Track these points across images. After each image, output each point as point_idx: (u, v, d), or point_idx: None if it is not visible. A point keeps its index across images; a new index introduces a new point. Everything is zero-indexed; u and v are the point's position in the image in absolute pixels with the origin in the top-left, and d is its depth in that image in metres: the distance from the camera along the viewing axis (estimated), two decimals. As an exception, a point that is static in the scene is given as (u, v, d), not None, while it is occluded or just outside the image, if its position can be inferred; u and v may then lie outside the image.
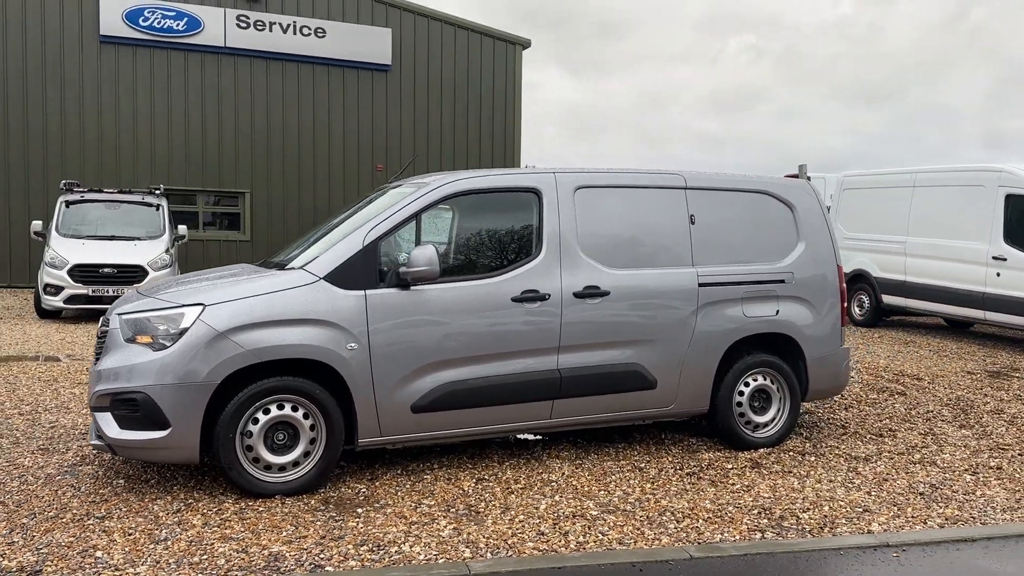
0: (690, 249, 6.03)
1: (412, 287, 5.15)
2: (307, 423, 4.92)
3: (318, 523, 4.41)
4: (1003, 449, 6.29)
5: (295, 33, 20.58)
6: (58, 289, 12.81)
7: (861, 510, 4.87)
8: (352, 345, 4.96)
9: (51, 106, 18.73)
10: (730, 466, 5.71)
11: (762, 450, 6.09)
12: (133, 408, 4.65)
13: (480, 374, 5.31)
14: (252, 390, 4.77)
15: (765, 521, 4.64)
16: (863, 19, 67.09)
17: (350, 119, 21.37)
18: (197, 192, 20.27)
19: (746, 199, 6.34)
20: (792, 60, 67.31)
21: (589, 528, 4.43)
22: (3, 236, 18.30)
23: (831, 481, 5.40)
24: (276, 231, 20.53)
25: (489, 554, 4.03)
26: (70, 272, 12.76)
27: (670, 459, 5.83)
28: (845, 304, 6.58)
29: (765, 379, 6.27)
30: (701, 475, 5.48)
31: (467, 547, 4.11)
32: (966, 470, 5.73)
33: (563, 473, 5.43)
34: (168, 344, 4.69)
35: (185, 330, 4.70)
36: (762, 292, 6.19)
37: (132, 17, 19.16)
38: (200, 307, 4.77)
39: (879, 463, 5.85)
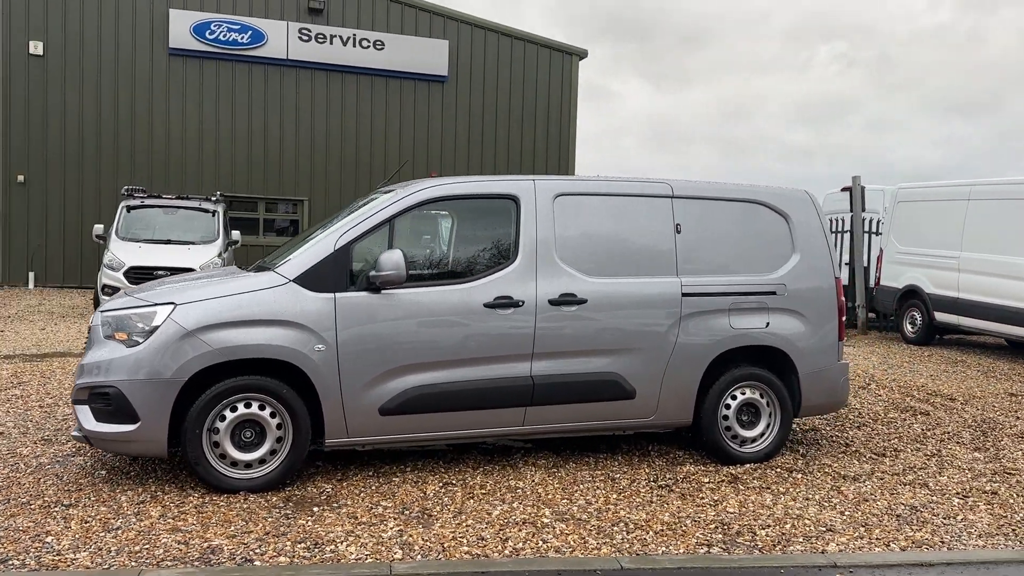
0: (675, 258, 5.95)
1: (383, 291, 5.24)
2: (274, 422, 5.05)
3: (269, 520, 4.53)
4: (1008, 474, 5.99)
5: (355, 46, 21.09)
6: (114, 290, 13.19)
7: (825, 529, 4.72)
8: (320, 347, 5.07)
9: (123, 116, 19.64)
10: (707, 480, 5.60)
11: (748, 465, 5.95)
12: (107, 402, 4.86)
13: (450, 379, 5.36)
14: (219, 388, 4.93)
15: (719, 536, 4.55)
16: (962, 27, 64.66)
17: (406, 129, 21.76)
18: (258, 199, 20.93)
19: (737, 209, 6.23)
20: (885, 69, 65.32)
21: (533, 536, 4.42)
22: (76, 239, 19.25)
23: (807, 499, 5.25)
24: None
25: (419, 556, 4.06)
26: (126, 274, 13.24)
27: (648, 470, 5.76)
28: (843, 318, 6.38)
29: (754, 393, 6.13)
30: (673, 488, 5.39)
31: (401, 548, 4.16)
32: (957, 493, 5.48)
33: (533, 480, 5.42)
34: (140, 341, 4.90)
35: (156, 328, 4.89)
36: (751, 304, 6.06)
37: (199, 30, 19.96)
38: (171, 306, 4.96)
39: (867, 483, 5.65)
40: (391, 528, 4.44)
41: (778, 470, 5.90)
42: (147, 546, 4.07)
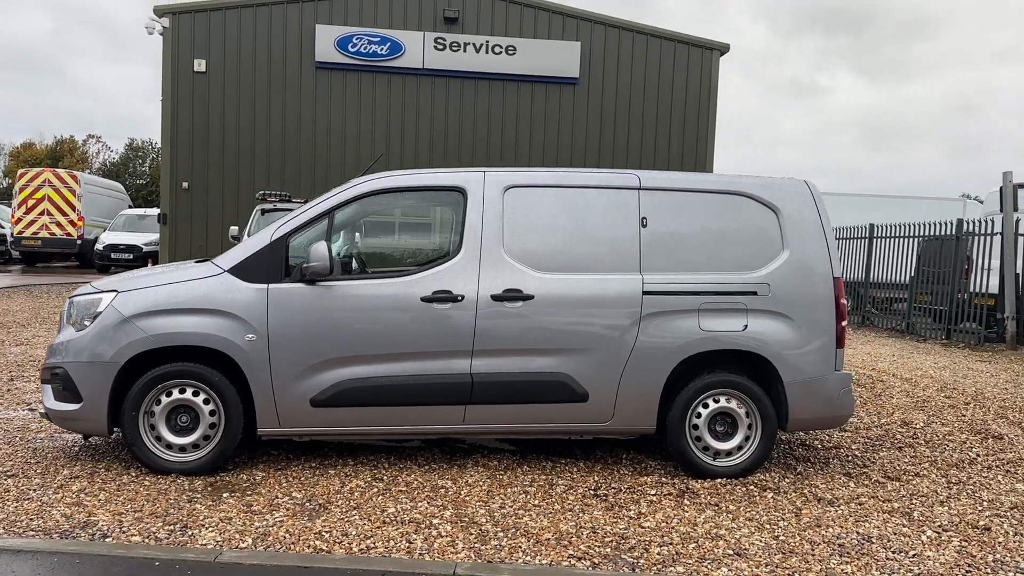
0: (638, 254, 5.57)
1: (319, 283, 5.29)
2: (207, 408, 5.24)
3: (170, 502, 4.70)
4: (1019, 509, 5.10)
5: (487, 52, 21.44)
6: None
7: (733, 553, 4.24)
8: (251, 336, 5.20)
9: (274, 126, 21.11)
10: (653, 492, 5.20)
11: (719, 480, 5.46)
12: (59, 381, 5.25)
13: (384, 373, 5.32)
14: (154, 373, 5.19)
15: (606, 550, 4.22)
16: None
17: (537, 132, 21.83)
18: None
19: (716, 201, 5.74)
20: None
21: (403, 535, 4.29)
22: (230, 240, 20.90)
23: (750, 520, 4.74)
24: (463, 240, 21.43)
25: (261, 546, 4.06)
26: None
27: (598, 479, 5.43)
28: (843, 323, 5.70)
29: (730, 402, 5.62)
30: (609, 498, 5.05)
31: (255, 538, 4.17)
32: (940, 526, 4.74)
33: (468, 481, 5.27)
34: (87, 325, 5.24)
35: (99, 314, 5.22)
36: (726, 304, 5.56)
37: (343, 44, 21.07)
38: (114, 293, 5.28)
39: (840, 508, 5.01)
40: (272, 518, 4.48)
41: (749, 487, 5.37)
42: (33, 516, 4.35)
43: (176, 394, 5.23)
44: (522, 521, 4.58)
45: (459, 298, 5.37)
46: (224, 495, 4.85)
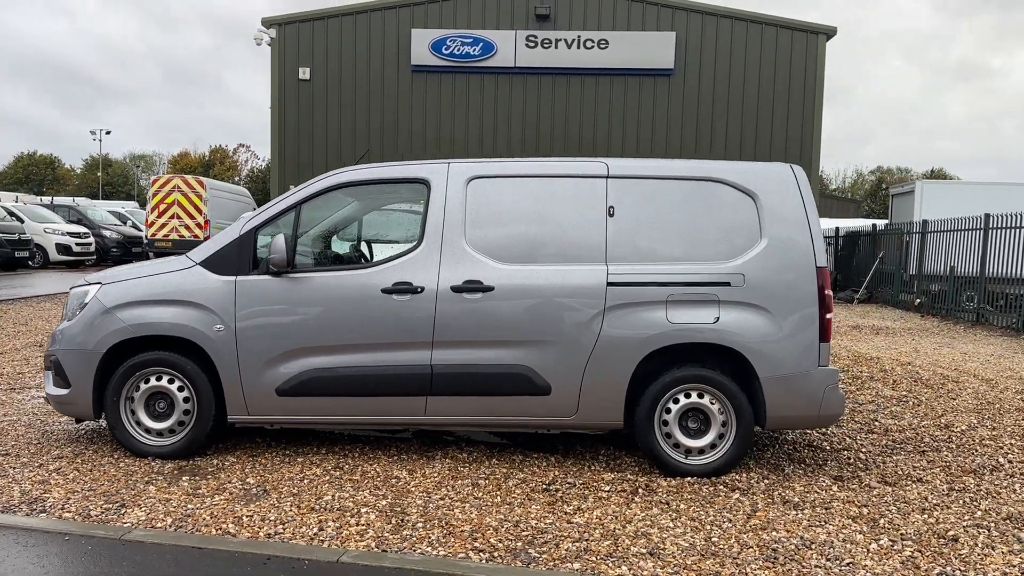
0: (604, 244, 5.41)
1: (284, 275, 5.44)
2: (180, 395, 5.50)
3: (127, 483, 4.97)
4: (1011, 520, 4.59)
5: (579, 47, 21.31)
6: None
7: (645, 552, 4.05)
8: (219, 327, 5.42)
9: (373, 129, 21.79)
10: (609, 488, 5.04)
11: (687, 479, 5.22)
12: (53, 368, 5.65)
13: (346, 363, 5.41)
14: (133, 361, 5.49)
15: (516, 544, 4.14)
16: None
17: (630, 126, 21.50)
18: (487, 201, 21.99)
19: (689, 188, 5.48)
20: None
21: (321, 522, 4.35)
22: (331, 241, 21.74)
23: (693, 520, 4.51)
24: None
25: (177, 526, 4.22)
26: None
27: (558, 472, 5.32)
28: (828, 315, 5.31)
29: (702, 398, 5.36)
30: (557, 493, 4.94)
31: (176, 519, 4.35)
32: (902, 536, 4.35)
33: (424, 473, 5.28)
34: (77, 315, 5.61)
35: (86, 304, 5.58)
36: (696, 296, 5.31)
37: (437, 47, 21.51)
38: (98, 285, 5.62)
39: (800, 512, 4.69)
40: (208, 501, 4.65)
41: (718, 487, 5.11)
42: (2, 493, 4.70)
43: (153, 381, 5.52)
44: (451, 513, 4.55)
45: (419, 289, 5.38)
46: (184, 478, 5.08)
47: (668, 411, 5.38)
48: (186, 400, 5.51)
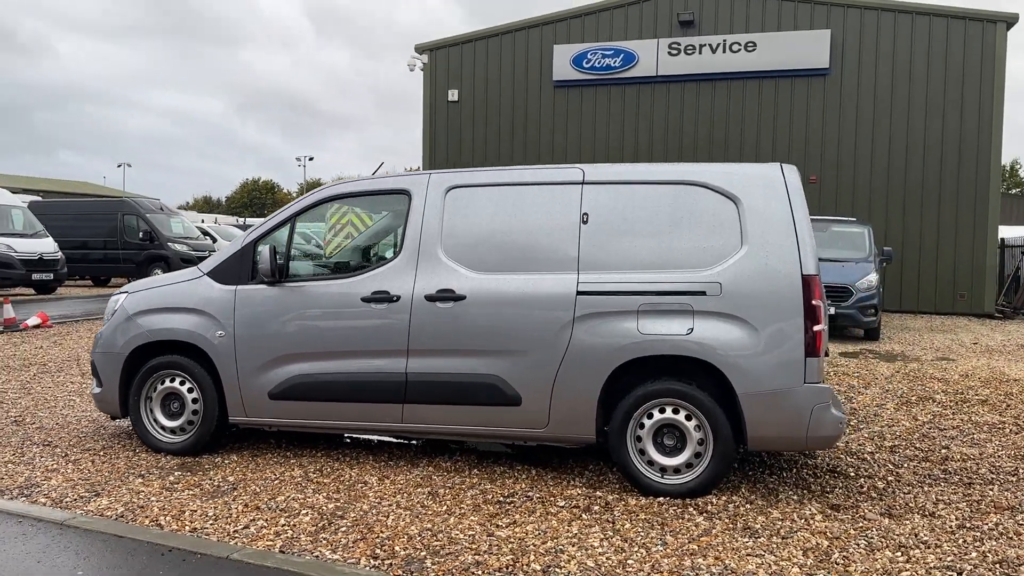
0: (577, 252, 5.24)
1: (277, 284, 5.73)
2: (190, 396, 5.91)
3: (121, 474, 5.39)
4: (1002, 565, 3.93)
5: (724, 51, 20.59)
6: None
7: (540, 570, 3.87)
8: (220, 333, 5.78)
9: (517, 144, 22.15)
10: (563, 504, 4.87)
11: (659, 499, 4.93)
12: (91, 368, 6.26)
13: (329, 370, 5.59)
14: (150, 364, 5.97)
15: (420, 553, 4.08)
16: None
17: (781, 130, 20.43)
18: (629, 214, 21.68)
19: (667, 193, 5.20)
20: None
21: (251, 521, 4.51)
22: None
23: (627, 541, 4.25)
24: (701, 249, 20.73)
25: (119, 517, 4.54)
26: None
27: (524, 486, 5.19)
28: (818, 327, 4.83)
29: (677, 413, 5.04)
30: (507, 505, 4.83)
31: (126, 508, 4.69)
32: (857, 571, 3.85)
33: (394, 479, 5.32)
34: (109, 320, 6.19)
35: (115, 311, 6.14)
36: (668, 305, 5.02)
37: (578, 61, 21.57)
38: (125, 294, 6.16)
39: (757, 539, 4.29)
40: (175, 496, 4.96)
41: (686, 508, 4.78)
42: (5, 476, 5.27)
43: (168, 383, 5.97)
44: (382, 520, 4.57)
45: (395, 298, 5.47)
46: (175, 473, 5.45)
47: (642, 427, 5.10)
48: (194, 401, 5.91)
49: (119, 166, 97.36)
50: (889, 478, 5.46)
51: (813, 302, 4.85)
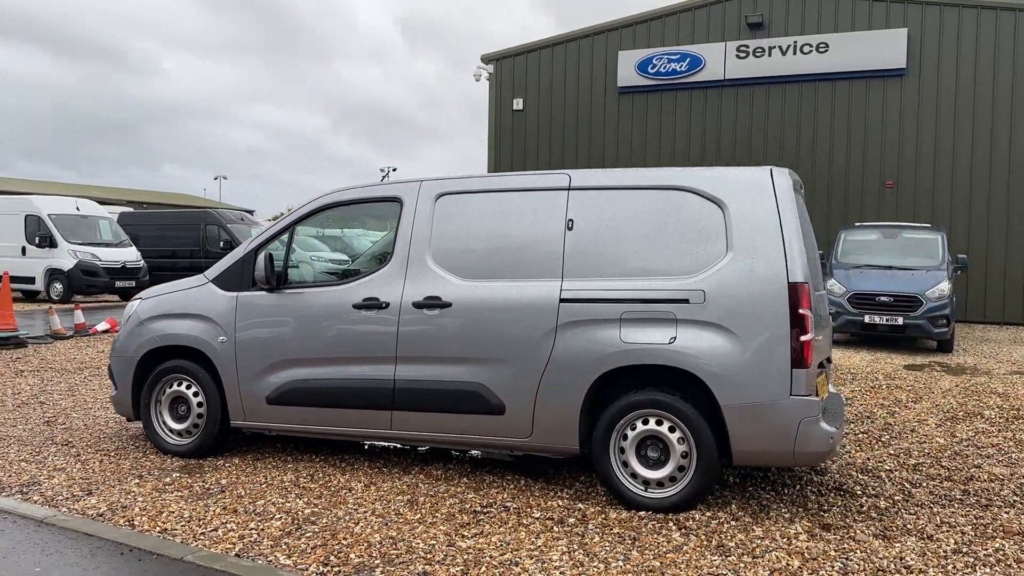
0: (561, 259, 5.14)
1: (275, 291, 5.82)
2: (195, 400, 6.06)
3: (120, 475, 5.54)
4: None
5: (795, 53, 20.00)
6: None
7: (481, 585, 3.78)
8: (223, 338, 5.91)
9: (581, 152, 22.03)
10: (539, 515, 4.76)
11: (641, 513, 4.78)
12: (108, 370, 6.49)
13: (322, 376, 5.64)
14: (160, 367, 6.14)
15: (372, 561, 4.05)
16: None
17: (855, 134, 19.68)
18: (696, 221, 21.24)
19: (653, 199, 5.05)
20: None
21: (222, 524, 4.53)
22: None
23: (588, 555, 4.12)
24: (770, 257, 20.14)
25: (98, 516, 4.67)
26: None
27: (507, 496, 5.10)
28: (805, 337, 4.59)
29: (660, 425, 4.87)
30: (480, 516, 4.75)
31: (110, 507, 4.82)
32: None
33: (380, 486, 5.30)
34: (124, 325, 6.41)
35: (129, 317, 6.35)
36: (651, 314, 4.86)
37: (642, 67, 21.32)
38: (139, 300, 6.36)
39: (727, 558, 4.09)
40: (163, 496, 5.07)
41: (665, 523, 4.62)
42: (13, 473, 5.50)
43: (175, 386, 6.13)
44: (350, 527, 4.55)
45: (384, 305, 5.48)
46: (175, 475, 5.58)
47: (625, 438, 4.95)
48: (199, 405, 6.05)
49: (215, 179, 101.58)
50: (897, 497, 5.14)
51: (800, 311, 4.61)
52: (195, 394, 6.06)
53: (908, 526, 4.61)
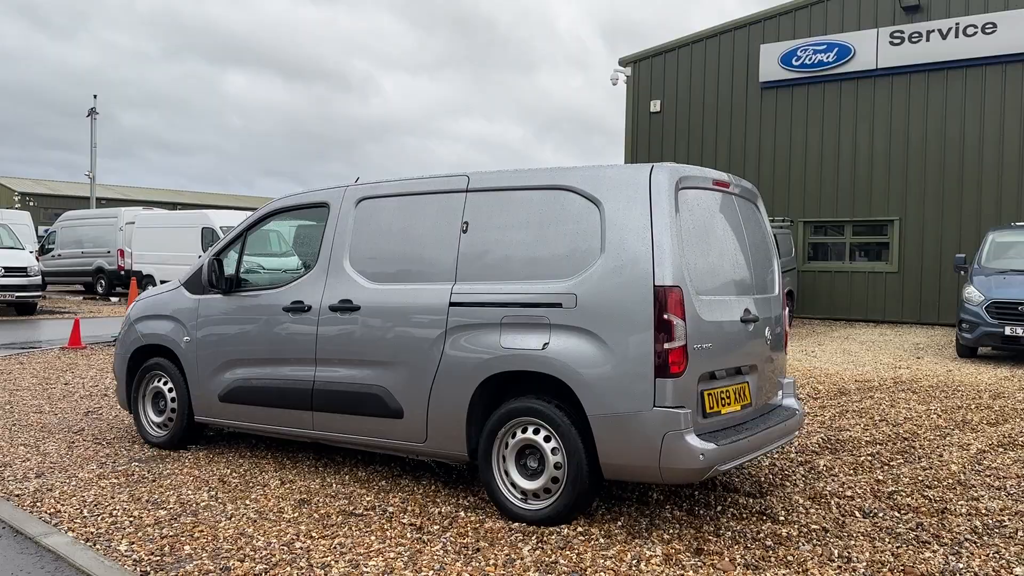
0: (455, 262, 4.99)
1: (226, 295, 6.09)
2: (170, 396, 6.45)
3: (87, 463, 6.01)
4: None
5: (956, 36, 18.04)
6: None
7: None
8: (187, 338, 6.27)
9: (721, 152, 21.06)
10: (404, 522, 4.62)
11: (509, 523, 4.54)
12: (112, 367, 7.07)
13: (259, 376, 5.83)
14: (146, 365, 6.61)
15: (189, 553, 4.13)
16: None
17: (1029, 122, 17.39)
18: (844, 222, 19.69)
19: (541, 199, 4.80)
20: None
21: (155, 523, 4.56)
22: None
23: (406, 564, 3.97)
24: (928, 261, 18.33)
25: (24, 503, 5.07)
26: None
27: (391, 500, 5.00)
28: (672, 345, 4.15)
29: (537, 434, 4.60)
30: (348, 518, 4.69)
31: (37, 493, 5.21)
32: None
33: (290, 486, 5.39)
34: (122, 326, 6.96)
35: (126, 317, 6.89)
36: (528, 318, 4.62)
37: (786, 60, 20.08)
38: (136, 301, 6.88)
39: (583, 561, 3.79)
40: (96, 483, 5.43)
41: (526, 536, 4.35)
42: (10, 462, 6.11)
43: (156, 383, 6.57)
44: (212, 524, 4.55)
45: (307, 308, 5.58)
46: (135, 464, 5.94)
47: (507, 446, 4.71)
48: (172, 400, 6.44)
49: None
50: (816, 527, 4.49)
51: (665, 316, 4.17)
52: (169, 390, 6.46)
53: (790, 557, 4.03)
